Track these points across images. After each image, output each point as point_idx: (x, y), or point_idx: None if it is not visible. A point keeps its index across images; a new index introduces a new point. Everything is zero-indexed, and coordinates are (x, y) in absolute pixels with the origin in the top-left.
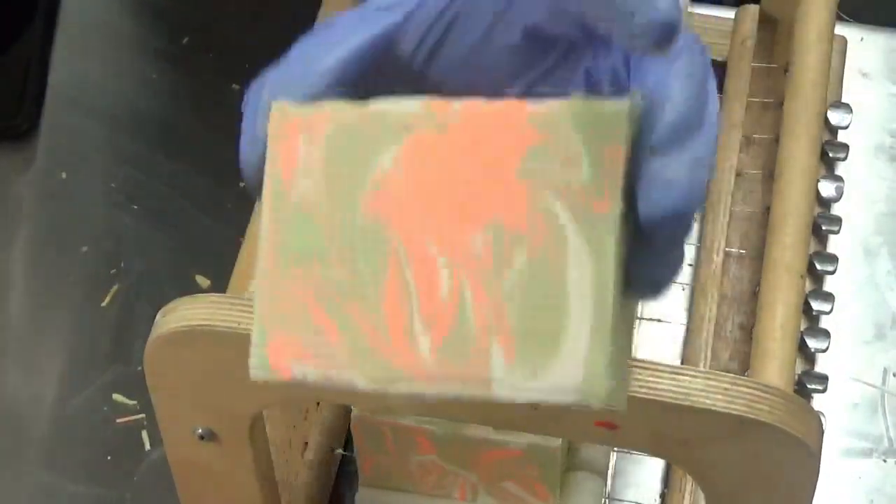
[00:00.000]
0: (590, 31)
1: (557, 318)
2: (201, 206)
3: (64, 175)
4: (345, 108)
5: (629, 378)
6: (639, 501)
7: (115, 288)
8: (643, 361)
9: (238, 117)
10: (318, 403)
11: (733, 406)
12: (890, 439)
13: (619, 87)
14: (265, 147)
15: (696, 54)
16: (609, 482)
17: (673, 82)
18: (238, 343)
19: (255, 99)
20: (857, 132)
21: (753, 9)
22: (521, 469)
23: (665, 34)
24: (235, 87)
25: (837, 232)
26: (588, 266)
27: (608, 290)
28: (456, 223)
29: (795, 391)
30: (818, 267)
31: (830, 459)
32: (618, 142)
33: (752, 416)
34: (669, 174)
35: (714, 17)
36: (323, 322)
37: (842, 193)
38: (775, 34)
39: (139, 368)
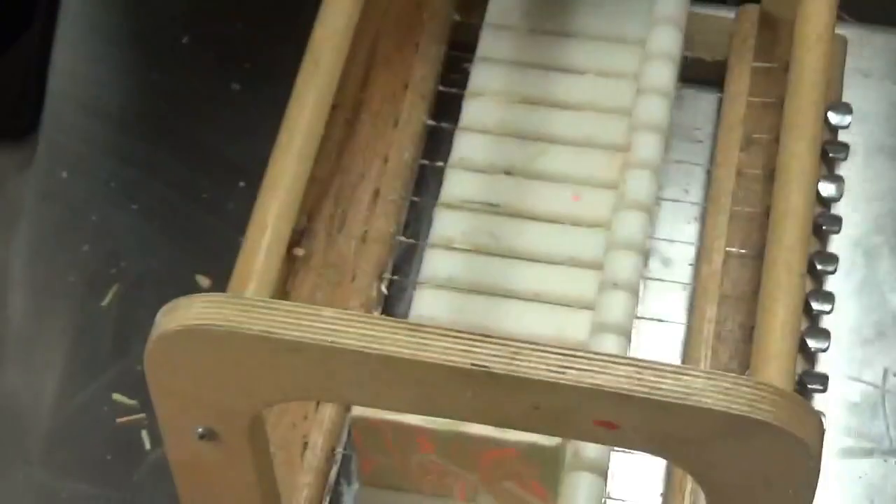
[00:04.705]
0: None
1: None
2: (201, 206)
3: (64, 175)
4: None
5: None
6: (639, 501)
7: (115, 288)
8: (644, 361)
9: (238, 117)
10: (318, 403)
11: (734, 406)
12: (890, 439)
13: None
14: None
15: None
16: (609, 482)
17: None
18: (238, 343)
19: None
20: (857, 132)
21: (754, 8)
22: (521, 469)
23: None
24: (235, 87)
25: (837, 232)
26: None
27: None
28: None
29: (796, 391)
30: (818, 267)
31: (830, 459)
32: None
33: (753, 416)
34: None
35: (714, 16)
36: None
37: (842, 193)
38: (775, 34)
39: (139, 368)
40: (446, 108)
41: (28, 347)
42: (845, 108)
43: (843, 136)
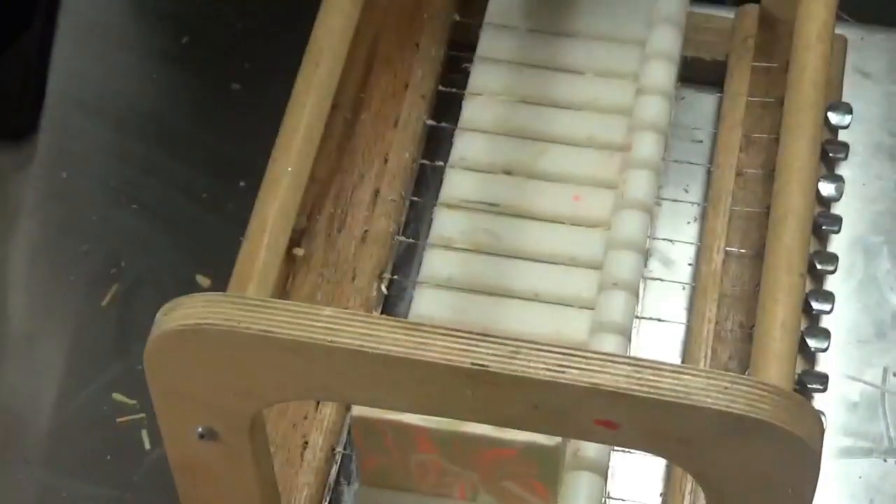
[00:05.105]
0: None
1: None
2: (201, 206)
3: (64, 175)
4: None
5: None
6: (639, 501)
7: (115, 288)
8: (643, 360)
9: (238, 117)
10: (318, 403)
11: (734, 405)
12: (890, 438)
13: None
14: None
15: None
16: (609, 482)
17: None
18: (238, 342)
19: None
20: (857, 132)
21: (754, 8)
22: (520, 468)
23: None
24: (235, 87)
25: (837, 231)
26: None
27: None
28: None
29: (795, 390)
30: (818, 266)
31: (830, 459)
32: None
33: (753, 415)
34: None
35: (714, 16)
36: None
37: (842, 193)
38: (775, 34)
39: (139, 368)
40: (446, 108)
41: (28, 347)
42: (845, 108)
43: (843, 136)
